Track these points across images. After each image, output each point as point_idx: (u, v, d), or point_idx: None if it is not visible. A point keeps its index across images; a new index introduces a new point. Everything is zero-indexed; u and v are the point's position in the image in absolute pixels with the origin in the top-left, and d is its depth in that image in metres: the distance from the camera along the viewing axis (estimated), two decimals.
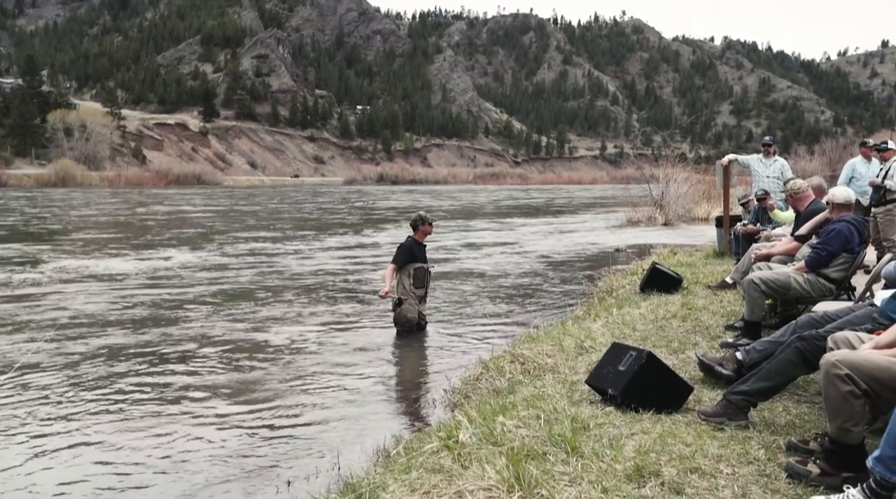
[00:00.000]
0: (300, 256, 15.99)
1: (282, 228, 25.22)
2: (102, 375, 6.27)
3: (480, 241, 19.87)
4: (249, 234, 22.26)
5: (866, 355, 2.93)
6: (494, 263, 14.76)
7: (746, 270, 6.79)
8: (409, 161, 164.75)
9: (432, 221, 8.08)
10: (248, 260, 15.11)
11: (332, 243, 19.16)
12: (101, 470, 4.29)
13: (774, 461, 3.11)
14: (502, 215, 34.09)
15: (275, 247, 17.97)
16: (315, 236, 21.33)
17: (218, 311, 9.31)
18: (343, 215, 33.53)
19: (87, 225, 26.00)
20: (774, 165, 10.05)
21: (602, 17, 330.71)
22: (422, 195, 63.80)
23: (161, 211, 35.24)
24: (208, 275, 12.78)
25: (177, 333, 7.99)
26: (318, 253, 16.71)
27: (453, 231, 23.53)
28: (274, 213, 34.65)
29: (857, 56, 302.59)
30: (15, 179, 76.64)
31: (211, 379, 6.18)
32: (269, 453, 4.57)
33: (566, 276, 12.78)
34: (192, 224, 26.93)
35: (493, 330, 8.23)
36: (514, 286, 11.57)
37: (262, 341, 7.59)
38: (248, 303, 9.96)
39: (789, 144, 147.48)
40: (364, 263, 14.57)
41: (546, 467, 2.97)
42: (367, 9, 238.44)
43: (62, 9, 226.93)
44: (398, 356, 7.03)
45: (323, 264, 14.40)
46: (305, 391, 5.84)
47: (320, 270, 13.39)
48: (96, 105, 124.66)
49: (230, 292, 10.90)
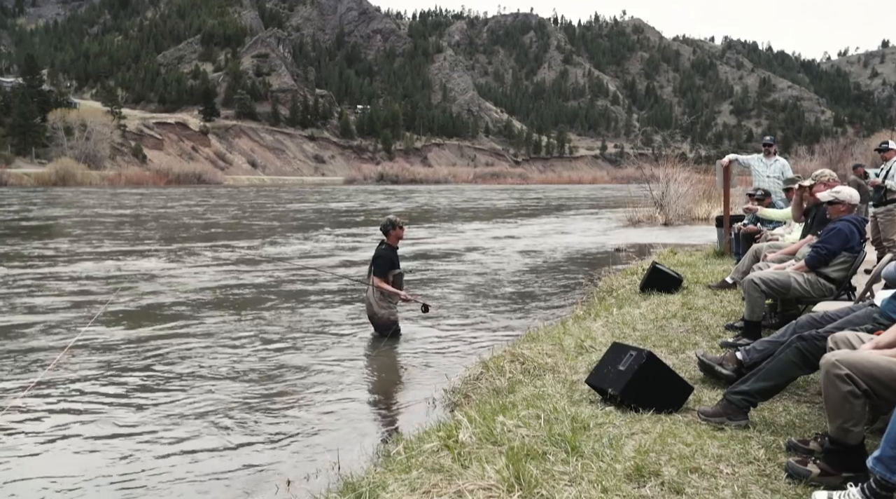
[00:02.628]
0: (301, 257, 15.98)
1: (281, 229, 25.23)
2: (102, 375, 6.27)
3: (480, 240, 19.87)
4: (256, 233, 22.26)
5: (866, 355, 2.93)
6: (494, 262, 14.75)
7: (746, 270, 6.78)
8: (410, 161, 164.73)
9: (403, 225, 7.86)
10: (250, 260, 15.11)
11: (332, 243, 19.16)
12: (100, 470, 4.29)
13: (774, 461, 3.11)
14: (502, 215, 34.08)
15: (277, 251, 17.97)
16: (311, 236, 21.34)
17: (216, 311, 9.31)
18: (351, 216, 33.51)
19: (81, 224, 26.01)
20: (775, 165, 10.04)
21: (602, 16, 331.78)
22: (420, 195, 63.77)
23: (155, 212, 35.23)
24: (209, 275, 12.78)
25: (175, 333, 7.98)
26: (318, 253, 16.71)
27: (453, 231, 23.52)
28: (282, 215, 34.62)
29: (857, 56, 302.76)
30: (15, 177, 76.66)
31: (211, 379, 6.18)
32: (269, 452, 4.57)
33: (566, 276, 12.78)
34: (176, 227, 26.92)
35: (493, 330, 8.23)
36: (514, 286, 11.57)
37: (261, 342, 7.59)
38: (246, 304, 9.96)
39: (789, 143, 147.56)
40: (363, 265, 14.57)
41: (546, 467, 2.97)
42: (367, 8, 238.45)
43: (62, 8, 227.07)
44: (398, 356, 7.03)
45: (323, 265, 14.39)
46: (305, 391, 5.84)
47: (320, 271, 13.39)
48: (96, 104, 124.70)
49: (229, 293, 10.90)
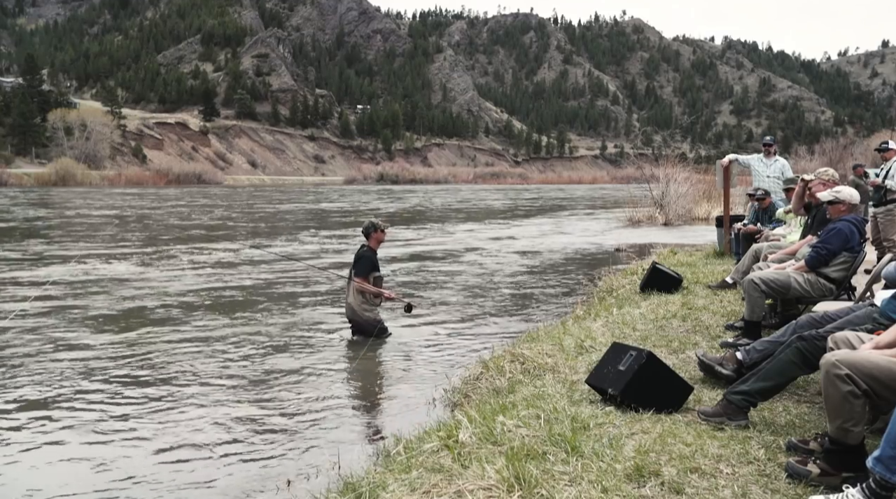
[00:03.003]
0: (301, 256, 15.98)
1: (284, 227, 25.22)
2: (100, 376, 6.27)
3: (480, 240, 19.87)
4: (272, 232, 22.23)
5: (866, 355, 2.93)
6: (494, 262, 14.76)
7: (746, 269, 6.78)
8: (410, 160, 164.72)
9: (385, 228, 7.84)
10: (254, 259, 15.11)
11: (333, 243, 19.16)
12: (99, 469, 4.29)
13: (774, 461, 3.11)
14: (502, 215, 34.08)
15: (282, 250, 17.95)
16: (317, 234, 21.35)
17: (215, 311, 9.31)
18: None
19: (76, 225, 26.00)
20: (775, 165, 10.05)
21: (602, 16, 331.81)
22: (414, 195, 63.77)
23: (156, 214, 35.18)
24: (208, 276, 12.78)
25: (175, 333, 7.98)
26: (319, 253, 16.71)
27: (452, 231, 23.52)
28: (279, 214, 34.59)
29: (857, 56, 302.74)
30: (15, 177, 76.64)
31: (210, 379, 6.18)
32: (269, 452, 4.57)
33: (566, 276, 12.78)
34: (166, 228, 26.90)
35: (493, 330, 8.23)
36: (514, 286, 11.57)
37: (261, 342, 7.59)
38: (236, 306, 9.95)
39: (789, 143, 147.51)
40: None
41: (546, 467, 2.97)
42: (367, 8, 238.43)
43: (62, 8, 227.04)
44: (398, 356, 7.03)
45: (323, 265, 14.40)
46: (305, 391, 5.84)
47: (319, 271, 13.39)
48: (96, 104, 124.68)
49: (216, 295, 10.89)
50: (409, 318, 8.28)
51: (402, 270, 13.49)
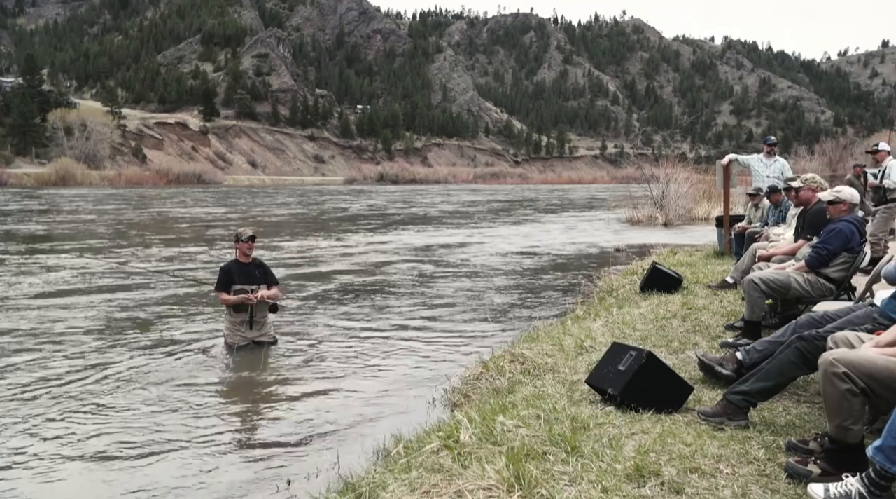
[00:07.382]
0: (304, 257, 15.98)
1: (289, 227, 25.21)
2: (100, 376, 6.27)
3: (480, 240, 19.86)
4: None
5: (864, 354, 2.94)
6: (494, 262, 14.75)
7: (746, 269, 6.79)
8: (410, 160, 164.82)
9: (247, 238, 6.91)
10: None
11: (336, 244, 19.16)
12: (99, 469, 4.29)
13: (774, 461, 3.11)
14: (501, 215, 34.07)
15: (298, 248, 17.95)
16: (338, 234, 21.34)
17: (213, 312, 9.30)
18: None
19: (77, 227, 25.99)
20: (775, 165, 10.06)
21: (602, 16, 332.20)
22: (410, 194, 63.75)
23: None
24: (210, 275, 12.78)
25: (173, 333, 7.98)
26: (321, 252, 16.72)
27: (452, 230, 23.52)
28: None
29: (857, 56, 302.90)
30: (15, 177, 76.63)
31: (210, 379, 6.17)
32: (268, 452, 4.56)
33: (566, 276, 12.78)
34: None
35: (493, 330, 8.22)
36: (513, 286, 11.57)
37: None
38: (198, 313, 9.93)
39: (789, 143, 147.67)
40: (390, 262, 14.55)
41: (546, 467, 2.98)
42: (367, 8, 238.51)
43: (62, 8, 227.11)
44: (397, 356, 7.03)
45: (326, 263, 14.40)
46: (305, 391, 5.84)
47: (314, 272, 13.40)
48: (96, 104, 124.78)
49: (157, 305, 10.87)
50: (409, 318, 8.27)
51: (402, 269, 13.49)
